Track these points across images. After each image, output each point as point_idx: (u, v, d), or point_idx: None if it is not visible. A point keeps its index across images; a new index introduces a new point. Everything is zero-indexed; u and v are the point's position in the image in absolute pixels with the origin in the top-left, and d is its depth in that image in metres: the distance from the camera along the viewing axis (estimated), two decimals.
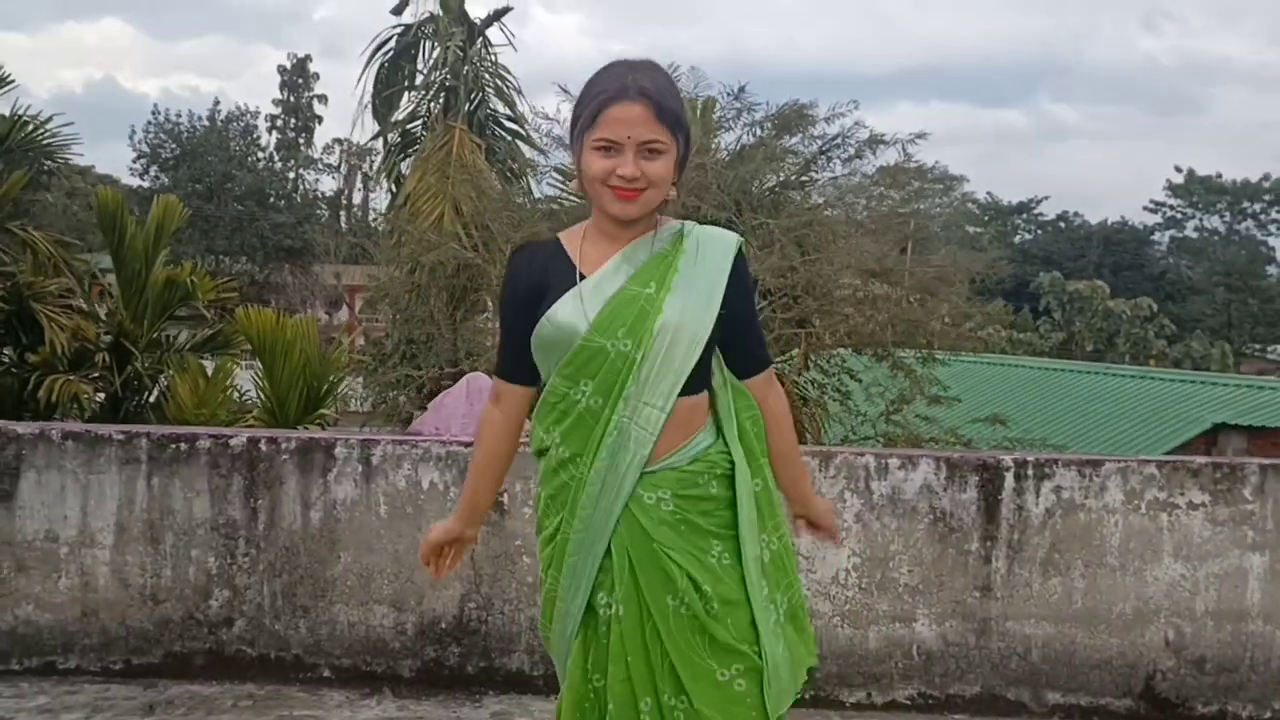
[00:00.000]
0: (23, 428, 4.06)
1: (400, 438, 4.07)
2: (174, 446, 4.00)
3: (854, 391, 12.27)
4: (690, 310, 2.07)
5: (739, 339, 2.18)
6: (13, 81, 10.40)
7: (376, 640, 3.99)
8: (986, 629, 3.91)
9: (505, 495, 3.95)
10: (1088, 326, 35.97)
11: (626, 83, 2.04)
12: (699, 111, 12.44)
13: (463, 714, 3.76)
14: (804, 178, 12.63)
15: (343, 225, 42.62)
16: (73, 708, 3.70)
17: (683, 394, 2.07)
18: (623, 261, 2.10)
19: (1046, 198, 57.71)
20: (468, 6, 15.94)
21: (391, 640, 3.99)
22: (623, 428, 2.05)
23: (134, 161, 35.97)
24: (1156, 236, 55.33)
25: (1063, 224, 56.19)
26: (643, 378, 2.04)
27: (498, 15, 16.01)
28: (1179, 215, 55.30)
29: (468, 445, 4.00)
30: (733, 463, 2.14)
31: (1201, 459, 3.94)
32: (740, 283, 2.15)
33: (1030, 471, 3.89)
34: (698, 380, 2.11)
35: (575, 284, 2.09)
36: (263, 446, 4.00)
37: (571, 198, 12.12)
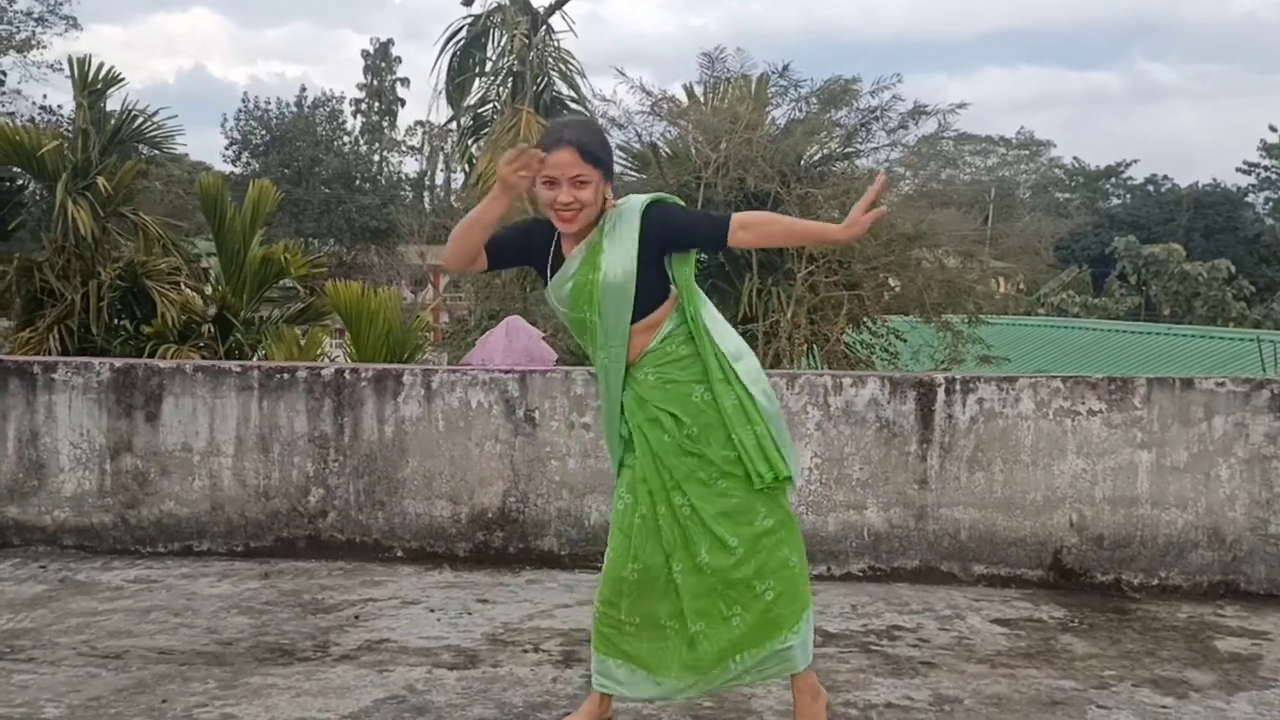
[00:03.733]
0: (164, 364, 5.18)
1: (453, 368, 5.09)
2: (279, 376, 5.08)
3: (901, 352, 13.04)
4: (614, 267, 2.88)
5: (692, 236, 2.94)
6: (124, 79, 11.49)
7: (437, 527, 5.03)
8: (923, 514, 4.80)
9: (537, 411, 4.95)
10: (1164, 290, 35.59)
11: (560, 136, 2.83)
12: (753, 88, 13.25)
13: (504, 581, 4.78)
14: (848, 149, 13.38)
15: (426, 206, 43.76)
16: (208, 575, 4.82)
17: (635, 321, 2.91)
18: (577, 255, 2.93)
19: (1135, 161, 56.43)
20: None
21: (449, 527, 5.03)
22: (604, 361, 2.97)
23: (226, 148, 37.22)
24: (1251, 198, 53.80)
25: (1151, 188, 55.03)
26: (603, 331, 2.93)
27: (559, 4, 17.01)
28: (1274, 176, 53.72)
29: (507, 373, 5.00)
30: (691, 328, 2.94)
31: (1100, 375, 4.73)
32: (660, 220, 2.89)
33: (958, 387, 4.75)
34: (644, 305, 2.92)
35: (549, 268, 2.95)
36: (347, 376, 5.07)
37: (630, 173, 13.05)
